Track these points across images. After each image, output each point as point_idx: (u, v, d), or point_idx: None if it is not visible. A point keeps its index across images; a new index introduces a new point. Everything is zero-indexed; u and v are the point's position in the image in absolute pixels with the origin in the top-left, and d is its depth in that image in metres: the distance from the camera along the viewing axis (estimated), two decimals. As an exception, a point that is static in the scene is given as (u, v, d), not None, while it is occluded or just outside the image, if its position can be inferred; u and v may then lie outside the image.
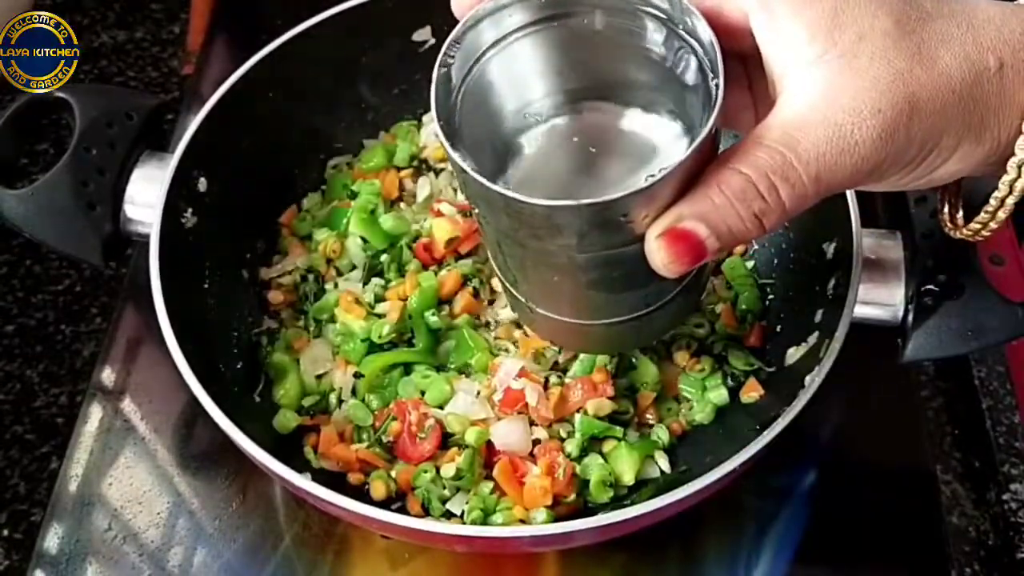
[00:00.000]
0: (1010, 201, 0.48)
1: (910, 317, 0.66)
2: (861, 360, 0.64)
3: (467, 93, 0.51)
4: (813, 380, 0.62)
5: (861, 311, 0.66)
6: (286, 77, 0.78)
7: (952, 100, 0.44)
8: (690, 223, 0.43)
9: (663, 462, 0.71)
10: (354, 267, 0.80)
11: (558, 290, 0.56)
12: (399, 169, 0.86)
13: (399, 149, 0.86)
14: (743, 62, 0.51)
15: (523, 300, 0.60)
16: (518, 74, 0.53)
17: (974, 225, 0.52)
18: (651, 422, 0.74)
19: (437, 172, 0.86)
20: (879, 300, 0.67)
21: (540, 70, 0.53)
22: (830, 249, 0.71)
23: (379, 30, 0.83)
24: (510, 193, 0.45)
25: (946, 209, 0.55)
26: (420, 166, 0.86)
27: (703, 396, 0.74)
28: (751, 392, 0.74)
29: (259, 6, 1.11)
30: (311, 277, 0.80)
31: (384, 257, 0.79)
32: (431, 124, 0.86)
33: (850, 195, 0.68)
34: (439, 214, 0.79)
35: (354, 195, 0.83)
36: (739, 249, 0.82)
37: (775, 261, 0.80)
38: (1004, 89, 0.44)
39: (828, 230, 0.70)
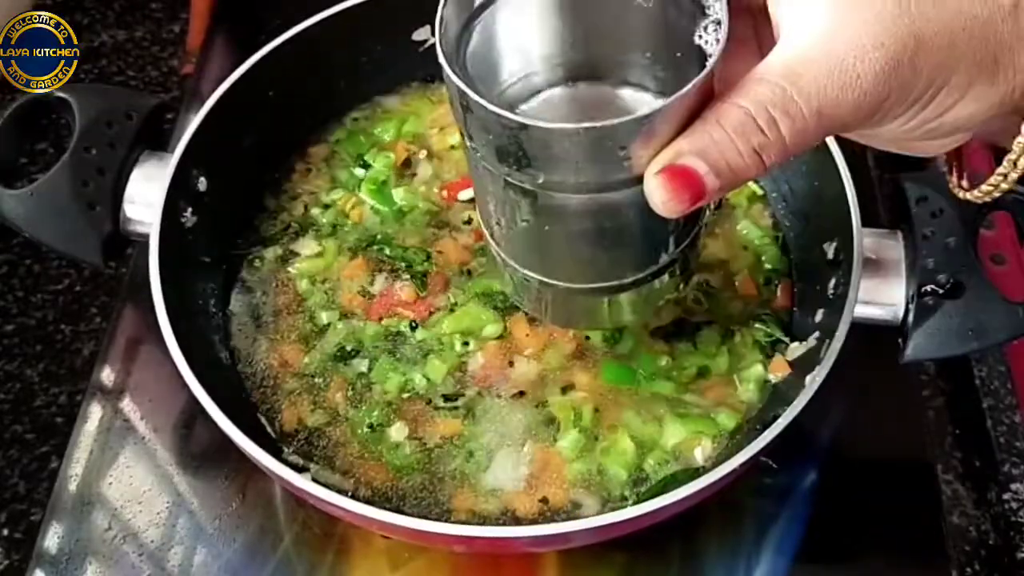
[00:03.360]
0: (1022, 162, 0.46)
1: (910, 317, 0.66)
2: (861, 360, 0.64)
3: (472, 41, 0.51)
4: (813, 380, 0.62)
5: (861, 311, 0.65)
6: (286, 77, 0.78)
7: (962, 37, 0.42)
8: (689, 159, 0.42)
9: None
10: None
11: (547, 244, 0.54)
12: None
13: (409, 122, 0.87)
14: (753, 18, 0.50)
15: (510, 262, 0.58)
16: (521, 28, 0.53)
17: (985, 187, 0.50)
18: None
19: (441, 158, 0.86)
20: (879, 300, 0.67)
21: (540, 27, 0.53)
22: (830, 249, 0.71)
23: (379, 30, 0.83)
24: (509, 114, 0.43)
25: (953, 173, 0.54)
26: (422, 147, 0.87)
27: (745, 375, 0.72)
28: (778, 371, 0.71)
29: (259, 6, 1.11)
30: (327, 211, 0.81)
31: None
32: (439, 108, 0.87)
33: (850, 195, 0.67)
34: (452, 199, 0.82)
35: (367, 165, 0.84)
36: (755, 205, 0.80)
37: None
38: (1020, 28, 0.43)
39: (828, 230, 0.70)
